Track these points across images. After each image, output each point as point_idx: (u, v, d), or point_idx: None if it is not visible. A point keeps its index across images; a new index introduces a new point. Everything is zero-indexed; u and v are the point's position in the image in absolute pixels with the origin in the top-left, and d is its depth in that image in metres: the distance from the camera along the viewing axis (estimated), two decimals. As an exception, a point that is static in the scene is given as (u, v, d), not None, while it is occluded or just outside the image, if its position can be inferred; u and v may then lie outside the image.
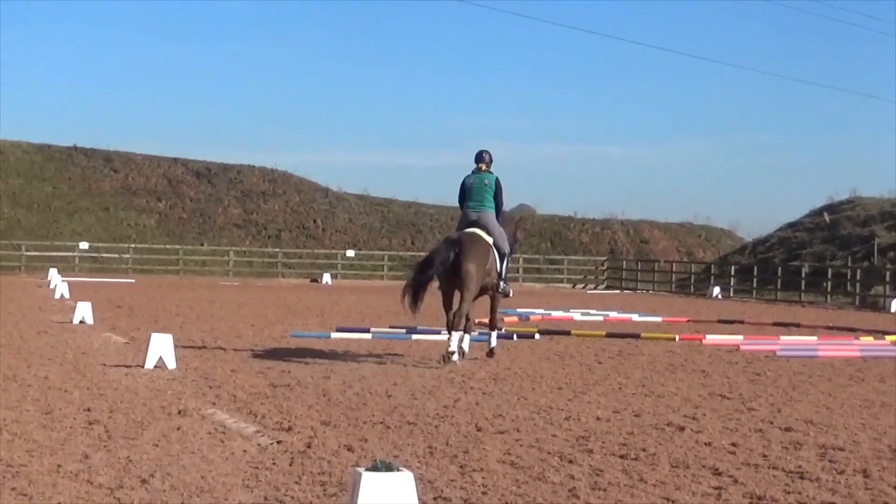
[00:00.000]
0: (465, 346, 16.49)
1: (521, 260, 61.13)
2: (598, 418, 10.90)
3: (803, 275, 49.09)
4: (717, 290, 50.10)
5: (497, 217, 16.63)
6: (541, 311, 30.30)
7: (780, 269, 51.30)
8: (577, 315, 29.16)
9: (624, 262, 65.05)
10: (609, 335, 21.86)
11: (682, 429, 10.29)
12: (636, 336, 21.65)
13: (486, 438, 9.51)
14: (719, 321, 28.69)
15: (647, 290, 56.45)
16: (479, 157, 16.75)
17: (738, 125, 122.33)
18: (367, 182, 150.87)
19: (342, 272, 60.40)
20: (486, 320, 17.64)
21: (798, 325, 27.19)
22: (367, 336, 19.97)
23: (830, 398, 13.08)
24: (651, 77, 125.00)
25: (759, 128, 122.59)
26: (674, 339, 21.26)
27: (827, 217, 58.59)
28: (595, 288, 60.31)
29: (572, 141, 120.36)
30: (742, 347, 19.85)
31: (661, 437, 9.81)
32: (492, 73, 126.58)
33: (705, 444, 9.50)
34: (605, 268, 63.91)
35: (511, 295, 17.51)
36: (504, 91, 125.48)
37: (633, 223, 76.04)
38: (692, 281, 56.61)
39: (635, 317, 29.28)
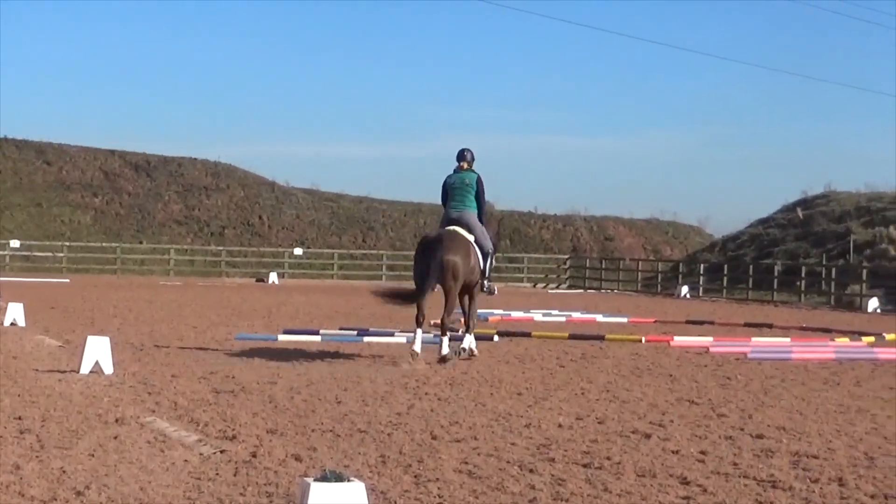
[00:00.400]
0: (471, 345, 17.53)
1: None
2: (559, 425, 10.92)
3: (776, 273, 49.46)
4: (685, 290, 50.39)
5: (480, 216, 17.39)
6: (500, 311, 30.35)
7: (751, 267, 51.61)
8: (538, 316, 29.23)
9: (587, 260, 65.33)
10: (572, 337, 21.91)
11: (648, 436, 10.33)
12: (600, 338, 21.72)
13: (442, 447, 9.50)
14: (688, 322, 28.84)
15: (612, 290, 56.68)
16: (461, 156, 17.56)
17: (708, 116, 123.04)
18: (315, 176, 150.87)
19: (289, 271, 60.26)
20: (439, 321, 17.74)
21: (770, 326, 27.37)
22: (317, 338, 19.92)
23: (804, 403, 13.16)
24: (616, 65, 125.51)
25: (729, 119, 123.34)
26: (640, 342, 21.34)
27: (800, 213, 59.04)
28: (557, 287, 60.50)
29: (532, 132, 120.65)
30: (711, 349, 19.96)
31: (626, 445, 9.84)
32: (448, 62, 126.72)
33: (673, 452, 9.54)
34: (567, 266, 64.13)
35: (496, 293, 18.46)
36: (461, 81, 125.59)
37: (597, 219, 76.38)
38: (659, 280, 56.88)
39: (599, 317, 29.39)
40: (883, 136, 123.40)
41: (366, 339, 20.08)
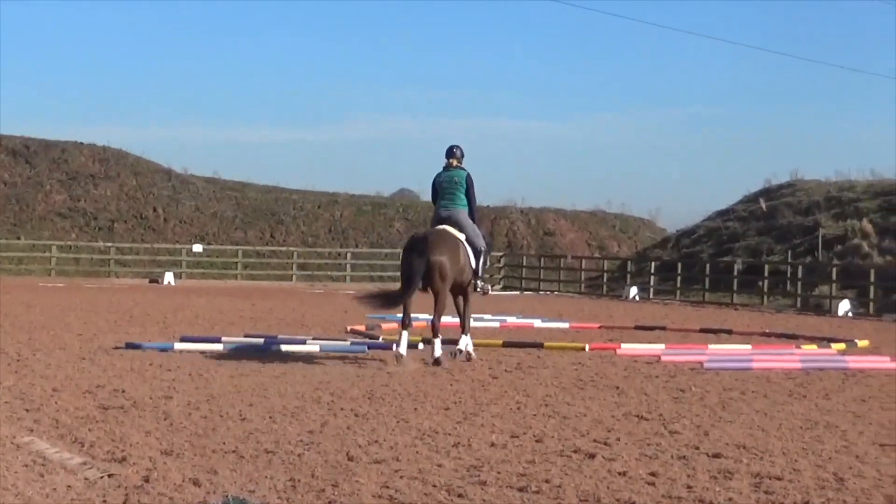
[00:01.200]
0: (468, 347, 19.26)
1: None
2: (492, 444, 10.92)
3: (736, 272, 49.76)
4: (634, 291, 50.65)
5: (471, 214, 19.08)
6: (425, 316, 30.27)
7: (708, 265, 51.92)
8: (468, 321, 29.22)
9: (524, 257, 65.53)
10: (507, 344, 21.99)
11: (591, 456, 10.35)
12: (539, 346, 21.78)
13: (360, 469, 9.47)
14: (637, 327, 28.98)
15: (552, 291, 56.88)
16: (450, 153, 19.26)
17: (661, 98, 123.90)
18: (217, 163, 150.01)
19: (188, 270, 59.90)
20: (362, 328, 18.13)
21: (729, 332, 27.57)
22: (218, 346, 19.81)
23: (766, 418, 13.25)
24: (555, 39, 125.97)
25: (684, 101, 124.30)
26: (583, 350, 21.40)
27: (763, 204, 59.41)
28: (490, 288, 60.67)
29: (461, 114, 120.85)
30: (663, 358, 20.05)
31: (567, 466, 9.85)
32: (364, 37, 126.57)
33: (619, 473, 9.56)
34: (501, 265, 64.30)
35: (490, 293, 21.48)
36: (377, 59, 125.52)
37: (536, 212, 76.55)
38: (605, 280, 57.13)
39: (538, 322, 29.45)
40: (855, 118, 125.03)
41: (275, 347, 19.96)
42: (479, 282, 19.33)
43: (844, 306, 40.87)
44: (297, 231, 70.48)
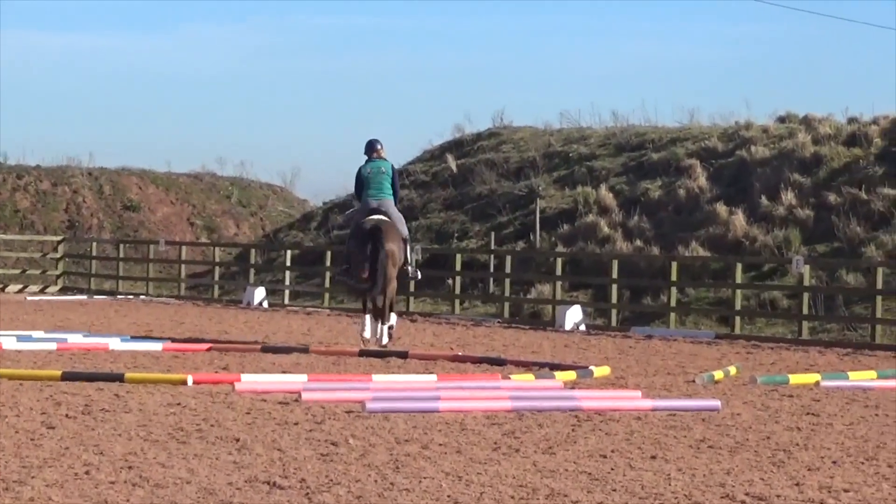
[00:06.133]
0: (394, 321, 29.99)
1: None
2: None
3: (412, 264, 50.01)
4: (258, 294, 50.44)
5: (395, 203, 29.38)
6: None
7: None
8: (6, 341, 28.85)
9: (95, 243, 64.74)
10: (68, 377, 21.86)
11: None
12: (117, 378, 21.72)
13: None
14: (265, 349, 28.95)
15: (138, 295, 56.38)
16: (372, 147, 29.56)
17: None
18: None
19: None
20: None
21: (405, 356, 27.70)
22: None
23: (458, 483, 13.43)
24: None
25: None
26: (184, 383, 21.36)
27: (453, 163, 59.79)
28: (43, 290, 59.83)
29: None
30: (305, 396, 20.07)
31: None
32: None
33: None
34: (59, 255, 63.48)
35: (420, 277, 32.40)
36: None
37: (110, 174, 75.74)
38: (217, 277, 57.01)
39: (115, 343, 29.16)
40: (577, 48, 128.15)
41: None
42: (409, 268, 29.96)
43: (574, 316, 41.36)
44: None
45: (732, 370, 25.65)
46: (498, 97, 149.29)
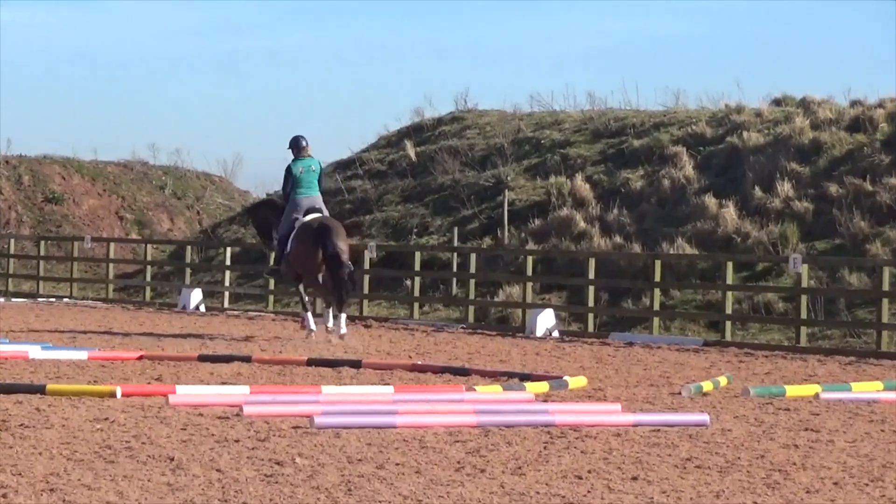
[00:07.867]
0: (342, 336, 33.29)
1: None
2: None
3: (368, 262, 49.84)
4: (195, 296, 50.38)
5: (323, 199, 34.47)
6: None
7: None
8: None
9: (12, 240, 64.67)
10: (-18, 389, 21.71)
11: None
12: (38, 390, 21.71)
13: None
14: (202, 358, 28.89)
15: (61, 297, 56.32)
16: (298, 144, 33.57)
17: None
18: None
19: None
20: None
21: (358, 365, 27.64)
22: None
23: (418, 508, 13.42)
24: None
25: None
26: (113, 395, 21.33)
27: (412, 150, 59.84)
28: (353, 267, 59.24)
29: None
30: (248, 410, 20.05)
31: None
32: None
33: None
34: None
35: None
36: None
37: (30, 162, 75.65)
38: (148, 277, 56.93)
39: (36, 351, 29.11)
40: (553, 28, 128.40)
41: None
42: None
43: (546, 321, 41.43)
44: None
45: (722, 381, 25.64)
46: (462, 77, 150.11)
